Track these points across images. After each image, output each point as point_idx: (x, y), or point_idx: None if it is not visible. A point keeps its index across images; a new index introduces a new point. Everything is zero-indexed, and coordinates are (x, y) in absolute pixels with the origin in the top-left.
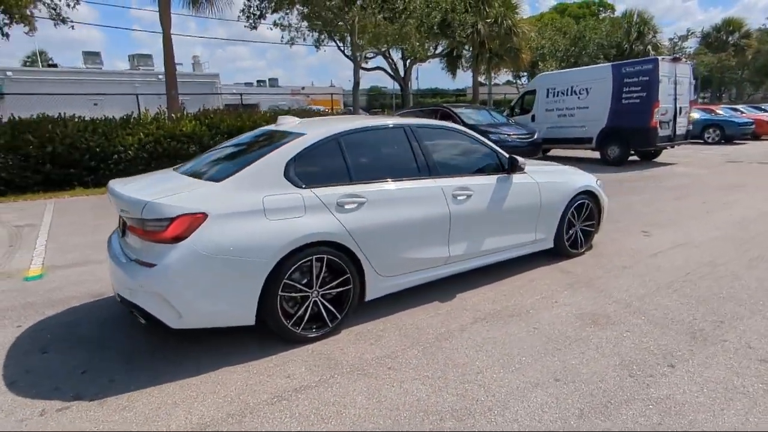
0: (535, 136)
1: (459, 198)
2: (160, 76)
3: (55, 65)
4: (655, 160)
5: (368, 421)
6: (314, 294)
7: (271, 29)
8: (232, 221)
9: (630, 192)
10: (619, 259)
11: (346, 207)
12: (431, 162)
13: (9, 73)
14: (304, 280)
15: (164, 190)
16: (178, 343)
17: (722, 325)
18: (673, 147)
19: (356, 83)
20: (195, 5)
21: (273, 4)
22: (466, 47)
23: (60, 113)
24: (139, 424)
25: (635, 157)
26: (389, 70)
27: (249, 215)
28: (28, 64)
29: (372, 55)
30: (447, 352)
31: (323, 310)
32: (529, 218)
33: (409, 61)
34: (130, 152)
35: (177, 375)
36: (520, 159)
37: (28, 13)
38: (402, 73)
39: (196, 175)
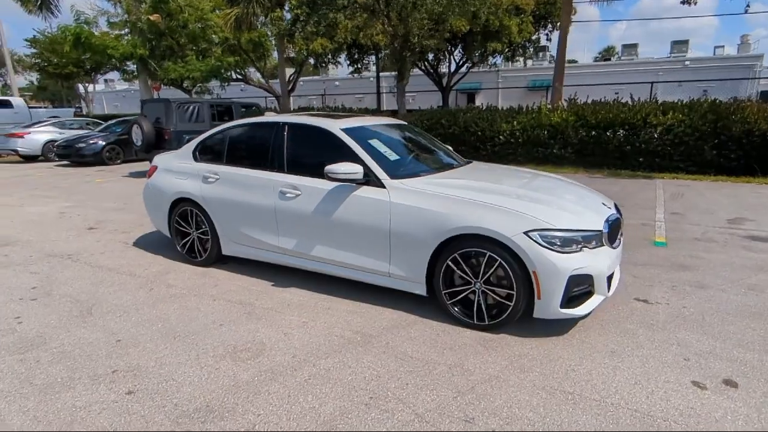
0: None
1: (287, 195)
2: (687, 63)
3: (608, 59)
4: None
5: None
6: (193, 233)
7: None
8: (164, 173)
9: None
10: (513, 366)
11: (208, 180)
12: (279, 157)
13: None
14: (188, 222)
15: (164, 153)
16: None
17: None
18: None
19: None
20: None
21: None
22: None
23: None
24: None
25: None
26: None
27: (170, 172)
28: (599, 58)
29: None
30: (157, 304)
31: (196, 247)
32: (375, 243)
33: None
34: (501, 137)
35: (165, 254)
36: (336, 168)
37: None
38: None
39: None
